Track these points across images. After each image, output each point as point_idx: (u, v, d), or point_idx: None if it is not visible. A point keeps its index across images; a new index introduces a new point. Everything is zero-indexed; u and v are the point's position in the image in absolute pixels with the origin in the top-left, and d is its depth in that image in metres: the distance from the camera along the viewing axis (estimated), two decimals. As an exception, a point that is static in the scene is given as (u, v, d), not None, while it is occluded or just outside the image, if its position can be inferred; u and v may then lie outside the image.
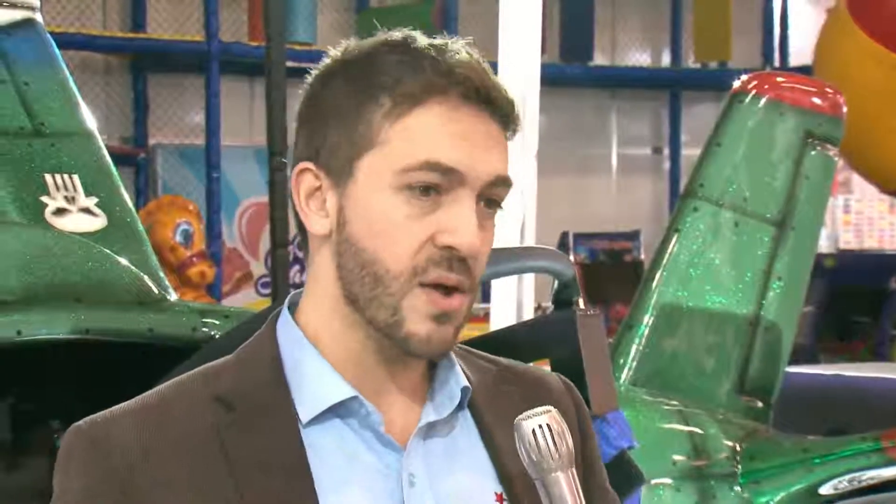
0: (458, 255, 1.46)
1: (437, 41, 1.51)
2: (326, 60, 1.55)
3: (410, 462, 1.50)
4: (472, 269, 1.48)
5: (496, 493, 1.54)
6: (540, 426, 1.44)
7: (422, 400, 1.54)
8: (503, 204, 1.53)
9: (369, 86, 1.48)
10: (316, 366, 1.50)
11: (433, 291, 1.46)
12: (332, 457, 1.49)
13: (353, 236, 1.48)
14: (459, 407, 1.54)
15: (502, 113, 1.49)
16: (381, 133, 1.46)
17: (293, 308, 1.55)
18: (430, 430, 1.53)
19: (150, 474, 1.45)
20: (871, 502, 3.82)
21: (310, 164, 1.50)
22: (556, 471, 1.44)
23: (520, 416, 1.45)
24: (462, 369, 1.57)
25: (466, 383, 1.55)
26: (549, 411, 1.46)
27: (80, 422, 1.50)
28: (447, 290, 1.47)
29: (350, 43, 1.56)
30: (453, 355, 1.56)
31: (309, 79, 1.56)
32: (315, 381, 1.50)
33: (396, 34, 1.53)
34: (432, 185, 1.45)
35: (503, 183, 1.50)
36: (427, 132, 1.46)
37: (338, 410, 1.50)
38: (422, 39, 1.51)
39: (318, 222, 1.50)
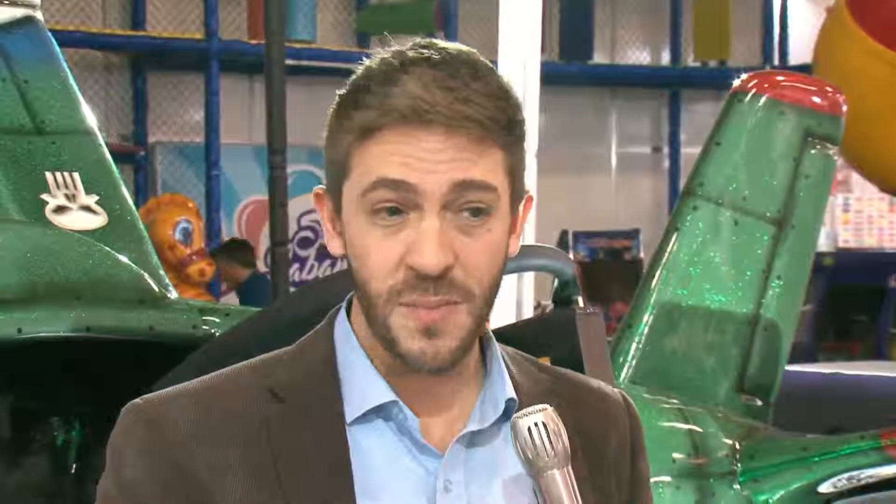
0: (425, 276, 1.47)
1: (414, 52, 1.51)
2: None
3: (448, 469, 1.53)
4: (458, 281, 1.49)
5: None
6: (536, 424, 1.45)
7: (468, 408, 1.56)
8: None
9: (343, 110, 1.54)
10: (363, 367, 1.55)
11: (413, 308, 1.49)
12: (372, 457, 1.52)
13: (350, 257, 1.54)
14: (505, 417, 1.55)
15: (461, 125, 1.48)
16: (350, 161, 1.52)
17: (349, 308, 1.59)
18: (472, 439, 1.55)
19: (203, 456, 1.50)
20: (871, 500, 3.83)
21: (320, 189, 1.59)
22: (551, 469, 1.45)
23: (516, 415, 1.47)
24: (515, 378, 1.58)
25: (513, 394, 1.56)
26: (545, 409, 1.47)
27: (137, 400, 1.55)
28: (426, 304, 1.49)
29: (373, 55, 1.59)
30: (503, 365, 1.58)
31: None
32: (362, 382, 1.54)
33: (397, 52, 1.53)
34: (391, 202, 1.48)
35: (472, 187, 1.49)
36: (378, 156, 1.49)
37: (380, 413, 1.53)
38: (399, 53, 1.52)
39: (333, 243, 1.57)
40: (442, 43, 1.54)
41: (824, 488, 3.71)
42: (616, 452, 1.64)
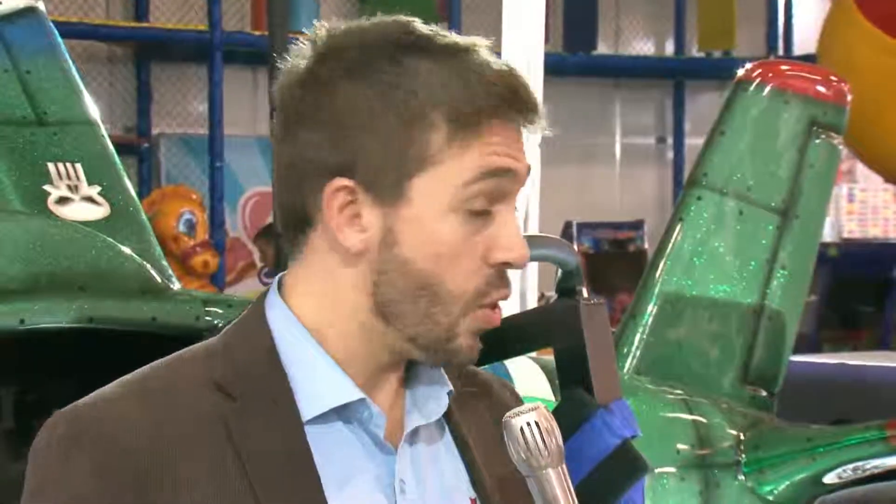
0: (511, 270, 1.48)
1: (455, 39, 1.49)
2: (321, 48, 1.48)
3: (402, 467, 1.50)
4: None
5: (471, 499, 1.54)
6: (528, 424, 1.44)
7: (401, 401, 1.53)
8: None
9: (412, 101, 1.44)
10: (320, 362, 1.47)
11: (491, 311, 1.48)
12: (331, 458, 1.46)
13: (408, 257, 1.45)
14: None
15: (531, 112, 1.50)
16: (437, 152, 1.45)
17: (284, 291, 1.51)
18: (414, 434, 1.52)
19: (161, 457, 1.41)
20: (875, 491, 3.82)
21: (345, 181, 1.46)
22: (546, 468, 1.44)
23: (508, 414, 1.45)
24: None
25: (451, 387, 1.54)
26: (537, 408, 1.45)
27: (69, 407, 1.44)
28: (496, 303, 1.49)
29: (343, 28, 1.51)
30: None
31: (301, 65, 1.49)
32: (320, 378, 1.47)
33: (399, 25, 1.50)
34: (491, 195, 1.46)
35: (527, 173, 1.53)
36: (482, 147, 1.46)
37: (340, 411, 1.48)
38: (437, 35, 1.49)
39: (353, 237, 1.46)
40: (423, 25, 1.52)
41: (829, 479, 3.70)
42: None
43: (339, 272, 1.48)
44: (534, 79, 4.56)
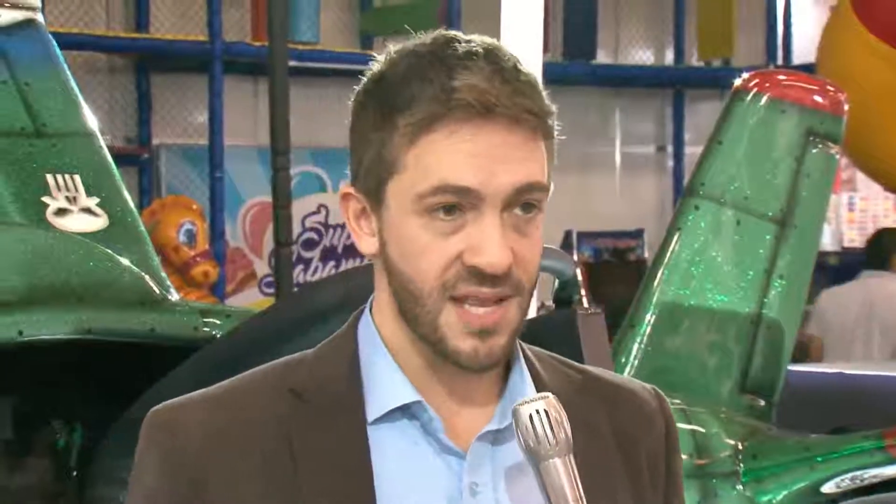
0: (486, 274, 1.46)
1: (455, 45, 1.49)
2: (366, 75, 1.55)
3: (473, 471, 1.51)
4: (514, 277, 1.48)
5: None
6: (537, 411, 1.44)
7: (492, 407, 1.55)
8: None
9: (386, 106, 1.48)
10: (387, 367, 1.53)
11: (466, 307, 1.47)
12: (395, 457, 1.50)
13: (391, 258, 1.50)
14: None
15: (522, 118, 1.48)
16: (401, 158, 1.47)
17: (372, 307, 1.57)
18: (498, 438, 1.53)
19: (220, 462, 1.48)
20: (874, 501, 3.82)
21: (351, 189, 1.53)
22: (553, 457, 1.44)
23: (517, 402, 1.46)
24: (541, 378, 1.57)
25: (535, 392, 1.54)
26: (547, 397, 1.46)
27: (157, 406, 1.55)
28: (482, 302, 1.47)
29: (387, 52, 1.55)
30: (524, 363, 1.57)
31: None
32: (385, 381, 1.52)
33: (440, 36, 1.52)
34: (451, 204, 1.46)
35: (530, 188, 1.49)
36: (437, 156, 1.46)
37: (405, 413, 1.51)
38: (437, 46, 1.50)
39: (366, 241, 1.53)
40: (463, 35, 1.52)
41: (827, 488, 3.70)
42: (651, 452, 1.62)
43: (378, 277, 1.55)
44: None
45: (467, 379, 1.52)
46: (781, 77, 4.28)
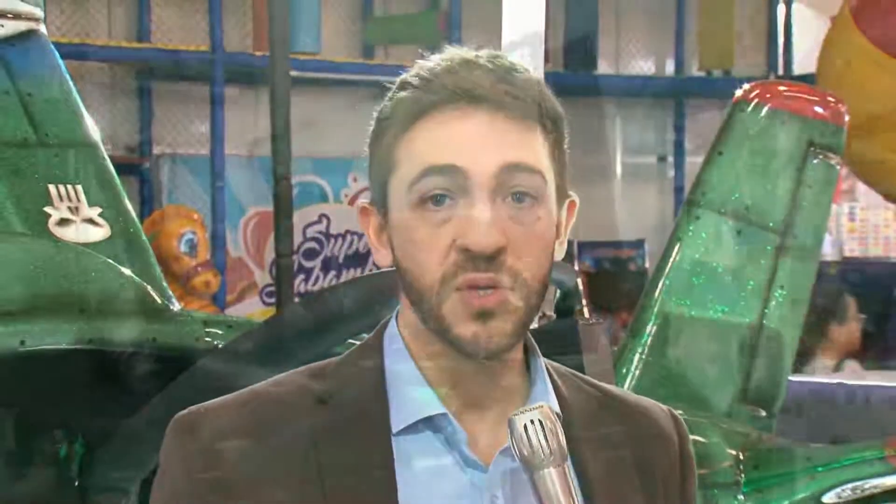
0: (479, 256, 1.47)
1: (449, 54, 1.53)
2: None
3: (494, 484, 1.52)
4: (508, 264, 1.49)
5: None
6: (532, 421, 1.45)
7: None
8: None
9: (384, 116, 1.54)
10: (412, 378, 1.54)
11: (467, 292, 1.48)
12: (419, 469, 1.51)
13: (398, 259, 1.52)
14: None
15: (507, 102, 1.50)
16: (394, 154, 1.51)
17: (398, 316, 1.59)
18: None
19: (239, 462, 1.49)
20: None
21: (365, 202, 1.58)
22: (547, 467, 1.44)
23: (513, 413, 1.47)
24: (561, 393, 1.58)
25: (557, 409, 1.55)
26: (542, 407, 1.47)
27: (184, 410, 1.56)
28: (481, 289, 1.48)
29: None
30: (548, 379, 1.58)
31: None
32: (409, 392, 1.53)
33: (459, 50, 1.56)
34: (441, 190, 1.48)
35: (519, 169, 1.50)
36: (424, 142, 1.49)
37: (428, 424, 1.53)
38: (429, 62, 1.54)
39: (381, 255, 1.56)
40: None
41: (828, 498, 3.70)
42: (666, 469, 1.64)
43: (399, 287, 1.56)
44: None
45: (490, 381, 1.53)
46: (782, 87, 4.29)
